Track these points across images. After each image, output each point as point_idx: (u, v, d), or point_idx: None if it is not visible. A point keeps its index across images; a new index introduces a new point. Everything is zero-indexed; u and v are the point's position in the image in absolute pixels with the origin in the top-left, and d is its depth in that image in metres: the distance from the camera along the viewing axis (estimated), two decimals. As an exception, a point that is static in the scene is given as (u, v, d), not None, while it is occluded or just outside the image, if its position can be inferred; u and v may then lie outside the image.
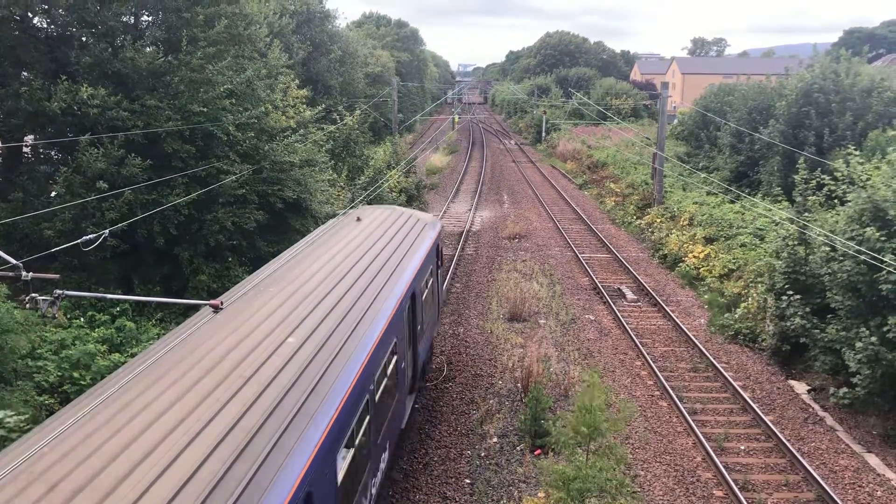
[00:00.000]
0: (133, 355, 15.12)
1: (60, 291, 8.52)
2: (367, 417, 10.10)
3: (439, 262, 18.87)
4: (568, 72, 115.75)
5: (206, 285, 20.91)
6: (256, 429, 7.28)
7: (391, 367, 11.90)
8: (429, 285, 16.64)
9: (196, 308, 12.24)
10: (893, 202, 16.10)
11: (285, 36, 42.08)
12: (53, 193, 20.22)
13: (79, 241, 11.44)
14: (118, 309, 18.99)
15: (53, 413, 9.48)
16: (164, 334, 12.65)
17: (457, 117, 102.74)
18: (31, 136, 22.09)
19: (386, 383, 11.43)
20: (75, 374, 15.35)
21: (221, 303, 10.24)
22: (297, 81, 33.87)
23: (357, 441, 9.44)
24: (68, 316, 17.82)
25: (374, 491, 10.82)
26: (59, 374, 15.31)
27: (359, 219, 17.47)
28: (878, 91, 31.07)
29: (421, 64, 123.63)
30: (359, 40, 69.47)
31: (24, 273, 8.66)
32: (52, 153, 22.16)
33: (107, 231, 12.05)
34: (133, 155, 19.73)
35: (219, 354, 8.86)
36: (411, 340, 14.46)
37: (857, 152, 19.84)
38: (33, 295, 8.31)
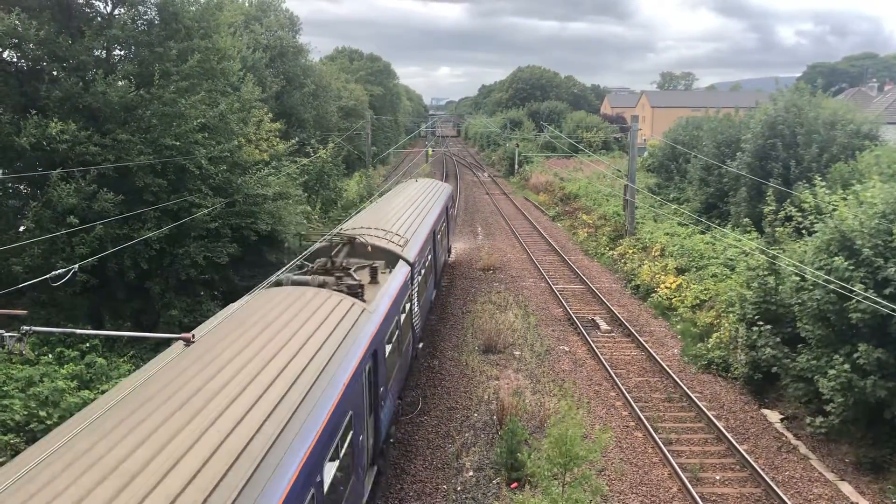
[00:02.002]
0: (104, 392, 14.85)
1: (28, 328, 8.35)
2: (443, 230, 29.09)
3: (453, 203, 36.38)
4: (539, 105, 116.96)
5: (177, 320, 20.68)
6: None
7: (441, 233, 27.41)
8: (449, 211, 33.14)
9: (168, 343, 12.12)
10: (860, 232, 16.39)
11: (258, 70, 42.16)
12: (22, 228, 19.94)
13: (48, 276, 11.27)
14: (87, 345, 18.68)
15: (19, 453, 9.25)
16: (134, 370, 12.46)
17: (430, 150, 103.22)
18: None
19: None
20: (42, 413, 15.02)
21: (193, 336, 10.10)
22: (270, 115, 33.92)
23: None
24: (36, 352, 17.49)
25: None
26: (26, 412, 14.97)
27: (416, 180, 37.53)
28: (841, 124, 31.76)
29: (394, 97, 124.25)
30: (332, 74, 69.75)
31: (-10, 309, 8.50)
32: (21, 188, 21.91)
33: (76, 266, 11.89)
34: (105, 189, 19.54)
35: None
36: (447, 232, 31.00)
37: (823, 182, 20.22)
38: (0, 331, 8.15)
